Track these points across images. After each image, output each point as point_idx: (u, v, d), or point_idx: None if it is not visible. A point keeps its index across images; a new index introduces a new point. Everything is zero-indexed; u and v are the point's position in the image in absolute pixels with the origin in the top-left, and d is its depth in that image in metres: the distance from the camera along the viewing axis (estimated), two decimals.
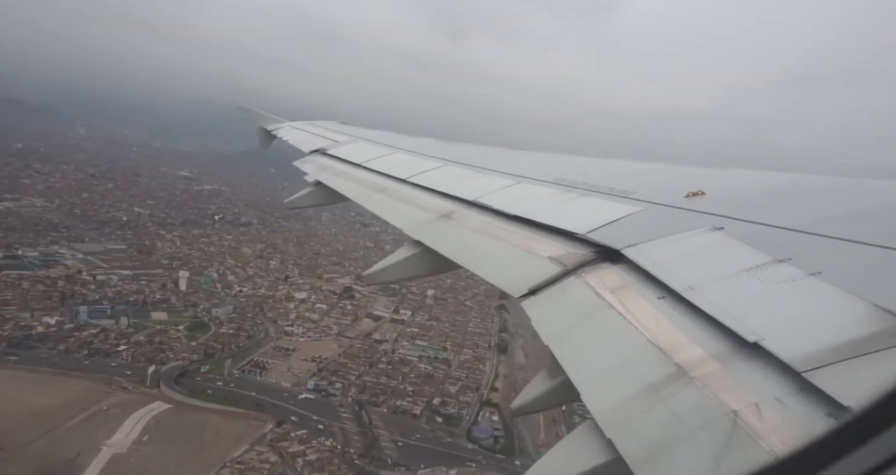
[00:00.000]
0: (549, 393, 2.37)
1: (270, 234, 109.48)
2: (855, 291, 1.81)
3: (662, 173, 4.51)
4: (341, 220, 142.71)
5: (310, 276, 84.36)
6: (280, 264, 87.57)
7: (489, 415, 49.95)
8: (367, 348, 58.85)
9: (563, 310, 2.49)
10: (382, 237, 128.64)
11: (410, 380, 52.60)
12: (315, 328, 61.96)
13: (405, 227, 4.24)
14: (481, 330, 74.28)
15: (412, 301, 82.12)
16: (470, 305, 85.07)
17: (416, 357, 59.73)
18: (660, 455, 1.52)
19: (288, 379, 49.06)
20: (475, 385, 55.69)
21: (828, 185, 3.37)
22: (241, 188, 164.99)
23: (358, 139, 8.62)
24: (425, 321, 73.60)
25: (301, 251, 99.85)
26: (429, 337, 67.45)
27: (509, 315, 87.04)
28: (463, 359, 62.05)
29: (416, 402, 48.32)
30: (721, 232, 2.67)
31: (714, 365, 1.72)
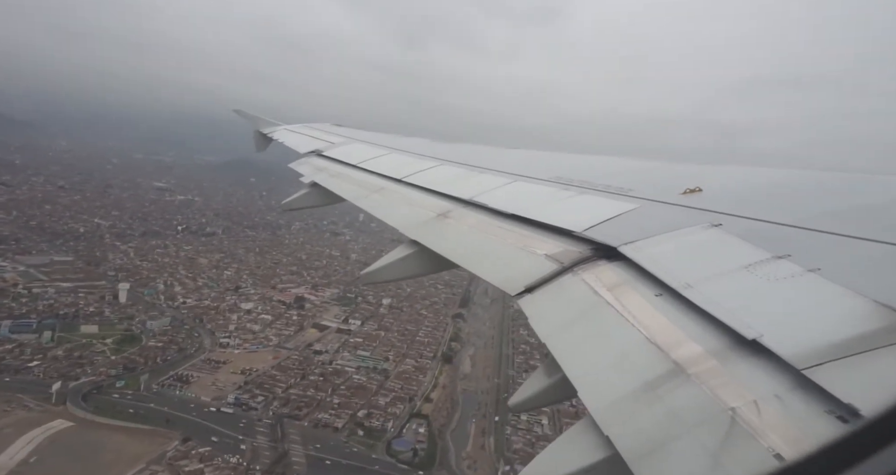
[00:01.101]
0: (546, 390, 2.33)
1: (234, 243, 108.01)
2: (855, 287, 1.78)
3: (659, 170, 4.42)
4: (312, 229, 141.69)
5: (263, 287, 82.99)
6: (235, 274, 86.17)
7: (416, 427, 48.82)
8: (303, 359, 57.62)
9: (560, 307, 2.42)
10: (351, 246, 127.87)
11: (340, 393, 51.41)
12: (253, 339, 60.62)
13: (402, 226, 4.16)
14: (430, 339, 73.23)
15: (366, 310, 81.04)
16: (425, 314, 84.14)
17: (353, 368, 58.56)
18: (658, 452, 1.49)
19: (210, 393, 47.60)
20: (409, 396, 54.61)
21: (826, 181, 3.28)
22: (214, 198, 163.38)
23: (353, 140, 8.55)
24: (373, 331, 72.50)
25: (261, 261, 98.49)
26: (373, 347, 66.34)
27: (465, 323, 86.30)
28: (402, 370, 60.96)
29: (339, 415, 47.12)
30: (719, 228, 2.63)
31: (712, 362, 1.70)
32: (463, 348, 75.40)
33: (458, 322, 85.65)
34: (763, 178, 3.64)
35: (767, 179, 3.60)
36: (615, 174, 4.25)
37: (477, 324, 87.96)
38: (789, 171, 3.64)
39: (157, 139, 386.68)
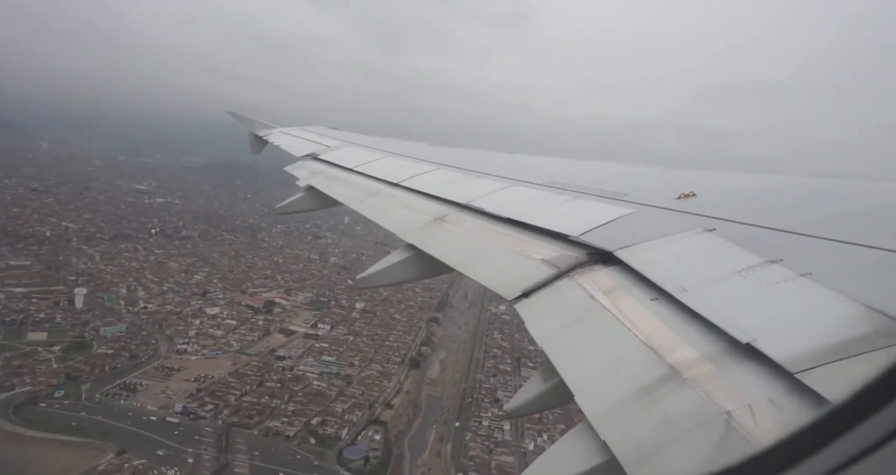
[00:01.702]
0: (543, 395, 2.33)
1: (209, 247, 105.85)
2: (846, 292, 1.79)
3: (654, 175, 4.44)
4: (294, 233, 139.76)
5: (233, 291, 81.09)
6: (205, 279, 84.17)
7: (373, 434, 47.39)
8: (263, 366, 55.96)
9: (557, 312, 2.43)
10: (331, 249, 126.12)
11: (297, 400, 49.84)
12: (213, 345, 58.81)
13: (398, 230, 4.16)
14: (400, 344, 71.84)
15: (337, 315, 79.46)
16: (399, 318, 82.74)
17: (315, 374, 57.00)
18: (654, 456, 1.50)
19: (157, 402, 45.78)
20: (369, 402, 53.18)
21: (819, 187, 3.31)
22: (196, 201, 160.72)
23: (349, 144, 8.48)
24: (342, 335, 70.96)
25: (234, 265, 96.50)
26: (339, 352, 64.81)
27: (440, 327, 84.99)
28: (366, 376, 59.50)
29: (292, 423, 45.58)
30: (713, 233, 2.64)
31: (707, 366, 1.71)
32: (434, 353, 74.13)
33: (433, 326, 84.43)
34: (756, 184, 3.66)
35: (761, 185, 3.61)
36: (610, 179, 4.24)
37: (452, 328, 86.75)
38: (782, 177, 3.62)
39: (145, 141, 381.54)
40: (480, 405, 58.26)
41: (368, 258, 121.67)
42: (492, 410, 57.08)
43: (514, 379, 67.28)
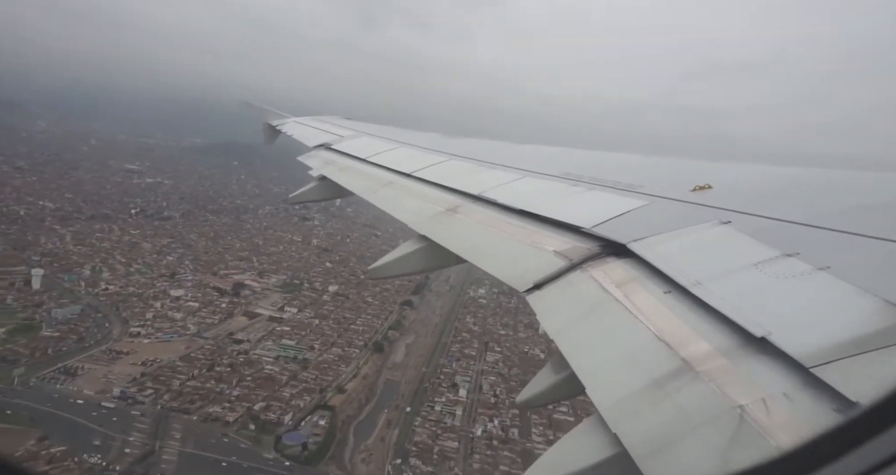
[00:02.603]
0: (554, 386, 2.30)
1: (188, 228, 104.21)
2: (864, 286, 1.75)
3: (669, 167, 4.35)
4: (281, 214, 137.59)
5: (204, 273, 79.67)
6: (177, 260, 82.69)
7: (318, 419, 46.22)
8: (216, 349, 54.68)
9: (569, 304, 2.40)
10: (316, 231, 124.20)
11: (245, 384, 48.66)
12: (169, 328, 57.55)
13: (410, 221, 4.12)
14: (367, 328, 70.44)
15: (308, 298, 78.03)
16: (371, 302, 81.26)
17: (271, 358, 55.75)
18: (665, 449, 1.48)
19: (96, 386, 44.64)
20: (321, 387, 51.93)
21: (837, 179, 3.19)
22: (188, 181, 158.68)
23: (362, 134, 8.35)
24: (308, 319, 69.56)
25: (211, 246, 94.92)
26: (301, 336, 63.46)
27: (414, 311, 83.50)
28: (324, 360, 58.22)
29: (234, 409, 44.46)
30: (728, 226, 2.59)
31: (721, 359, 1.68)
32: (402, 337, 72.81)
33: (406, 310, 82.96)
34: (773, 176, 3.55)
35: (778, 177, 3.51)
36: (624, 170, 4.16)
37: (427, 312, 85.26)
38: (799, 168, 3.52)
39: (148, 121, 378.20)
40: (437, 390, 57.05)
41: (353, 241, 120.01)
42: (447, 395, 55.88)
43: (477, 363, 65.99)
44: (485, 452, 46.18)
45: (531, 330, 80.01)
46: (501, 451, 46.47)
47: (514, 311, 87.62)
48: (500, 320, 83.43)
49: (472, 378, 61.16)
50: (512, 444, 48.09)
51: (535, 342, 75.26)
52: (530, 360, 68.47)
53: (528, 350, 72.16)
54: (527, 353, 71.00)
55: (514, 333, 77.79)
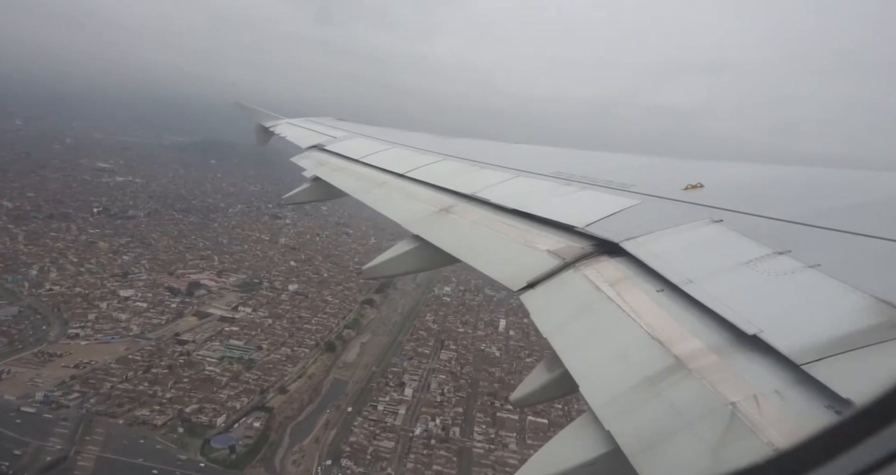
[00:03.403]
0: (548, 385, 2.30)
1: (152, 227, 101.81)
2: (854, 283, 1.76)
3: (661, 166, 4.34)
4: (253, 213, 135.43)
5: (160, 272, 77.79)
6: (133, 260, 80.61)
7: (252, 421, 45.18)
8: (157, 351, 53.19)
9: (562, 303, 2.40)
10: (286, 230, 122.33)
11: (180, 386, 47.38)
12: (111, 330, 55.87)
13: (404, 221, 4.08)
14: (322, 327, 69.36)
15: (265, 297, 76.65)
16: (331, 300, 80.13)
17: (215, 359, 54.47)
18: (658, 446, 1.48)
19: (21, 390, 42.99)
20: (263, 388, 50.84)
21: (827, 177, 3.21)
22: (161, 180, 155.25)
23: (356, 135, 8.33)
24: (262, 318, 68.26)
25: (173, 245, 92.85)
26: (251, 336, 62.23)
27: (375, 310, 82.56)
28: (271, 360, 57.10)
29: (164, 411, 43.22)
30: (720, 224, 2.59)
31: (713, 357, 1.69)
32: (358, 336, 71.95)
33: (366, 308, 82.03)
34: (764, 175, 3.56)
35: (768, 176, 3.51)
36: (616, 169, 4.15)
37: (388, 311, 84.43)
38: (790, 167, 3.51)
39: (130, 119, 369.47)
40: (382, 389, 56.40)
41: (322, 239, 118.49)
42: (392, 394, 55.27)
43: (430, 362, 65.46)
44: (421, 452, 45.67)
45: (491, 328, 79.83)
46: (438, 451, 46.00)
47: (477, 309, 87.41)
48: (461, 318, 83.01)
49: (422, 376, 60.62)
50: (450, 443, 47.66)
51: (492, 340, 75.08)
52: (485, 358, 68.23)
53: (484, 348, 71.87)
54: (483, 351, 70.70)
55: (472, 331, 77.44)
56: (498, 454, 47.48)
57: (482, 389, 59.91)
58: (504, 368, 66.03)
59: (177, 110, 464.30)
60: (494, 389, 60.02)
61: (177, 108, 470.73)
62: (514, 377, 63.93)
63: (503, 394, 59.20)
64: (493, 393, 59.21)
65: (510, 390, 62.10)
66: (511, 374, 64.85)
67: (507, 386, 61.42)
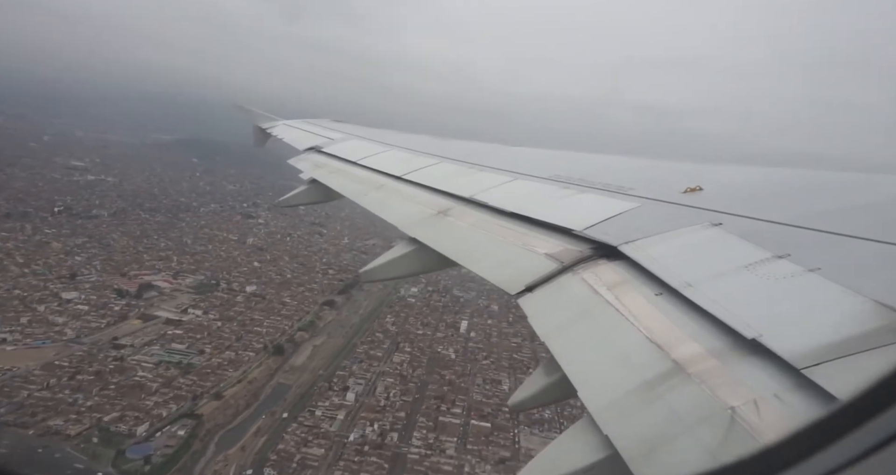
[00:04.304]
0: (546, 389, 2.28)
1: (114, 227, 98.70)
2: (855, 287, 1.73)
3: (660, 169, 4.29)
4: (225, 212, 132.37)
5: (112, 273, 75.07)
6: (86, 260, 77.76)
7: (178, 429, 43.10)
8: (88, 356, 50.77)
9: (560, 306, 2.39)
10: (257, 230, 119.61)
11: (105, 393, 45.07)
12: (43, 334, 53.28)
13: (401, 224, 4.07)
14: (274, 329, 67.28)
15: (220, 298, 74.32)
16: (289, 302, 77.96)
17: (151, 364, 52.20)
18: (657, 451, 1.47)
19: None
20: (196, 394, 48.72)
21: (827, 180, 3.17)
22: (135, 178, 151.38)
23: (353, 137, 8.26)
24: (211, 321, 66.00)
25: (132, 245, 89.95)
26: (195, 339, 59.98)
27: (335, 311, 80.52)
28: (211, 364, 54.99)
29: (81, 420, 40.95)
30: (719, 228, 2.56)
31: (712, 361, 1.67)
32: (312, 338, 69.96)
33: (325, 310, 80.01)
34: (763, 178, 3.49)
35: (768, 179, 3.46)
36: (615, 172, 4.09)
37: (348, 312, 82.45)
38: (789, 170, 3.48)
39: (114, 117, 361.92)
40: (324, 394, 54.59)
41: (293, 239, 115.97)
42: (332, 399, 53.48)
43: (381, 364, 63.76)
44: (352, 459, 43.99)
45: (452, 329, 78.27)
46: (370, 457, 44.36)
47: (441, 310, 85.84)
48: (423, 320, 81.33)
49: (369, 380, 58.89)
50: (385, 449, 46.04)
51: (451, 342, 73.52)
52: (440, 361, 66.67)
53: (441, 350, 70.28)
54: (438, 353, 69.12)
55: (432, 333, 75.75)
56: (433, 459, 45.99)
57: (430, 393, 58.36)
58: (457, 371, 64.55)
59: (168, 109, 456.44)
60: (443, 393, 58.54)
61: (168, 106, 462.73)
62: (465, 380, 62.53)
63: (451, 397, 57.77)
64: (440, 396, 57.71)
65: (459, 393, 60.78)
66: (463, 377, 63.43)
67: (456, 389, 59.98)
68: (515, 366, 68.14)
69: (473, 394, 59.37)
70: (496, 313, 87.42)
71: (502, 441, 50.71)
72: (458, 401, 57.27)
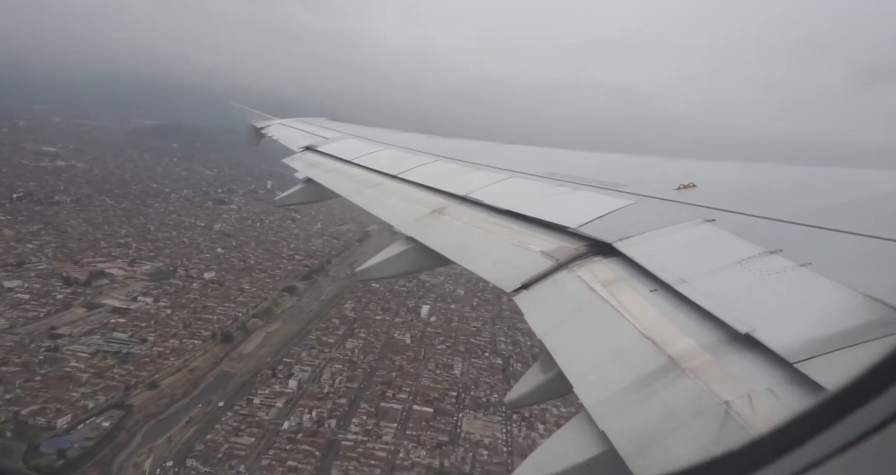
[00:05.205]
0: (542, 386, 2.30)
1: (75, 213, 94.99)
2: (846, 282, 1.73)
3: (654, 166, 4.31)
4: (196, 198, 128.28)
5: (64, 261, 72.11)
6: (38, 247, 74.57)
7: (102, 421, 41.32)
8: (17, 346, 48.46)
9: (556, 303, 2.38)
10: (226, 216, 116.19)
11: (29, 385, 43.03)
12: None
13: (396, 222, 4.04)
14: (225, 316, 65.23)
15: (175, 285, 71.84)
16: (247, 289, 75.77)
17: (87, 354, 50.07)
18: (652, 446, 1.47)
19: None
20: (129, 384, 46.83)
21: (818, 176, 3.18)
22: (107, 165, 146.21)
23: (348, 136, 8.29)
24: (161, 308, 63.72)
25: (91, 232, 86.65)
26: (141, 327, 57.78)
27: (294, 298, 78.55)
28: (153, 353, 52.95)
29: None
30: (712, 224, 2.55)
31: (706, 356, 1.67)
32: (266, 325, 68.12)
33: (285, 296, 78.00)
34: (756, 174, 3.54)
35: (760, 175, 3.51)
36: (609, 170, 4.08)
37: (309, 298, 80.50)
38: (782, 166, 3.51)
39: (96, 102, 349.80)
40: (267, 382, 53.04)
41: (263, 225, 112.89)
42: (274, 387, 51.99)
43: (332, 351, 62.26)
44: (283, 447, 42.72)
45: (413, 314, 76.86)
46: (301, 445, 43.11)
47: (405, 295, 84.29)
48: (384, 305, 79.71)
49: (317, 367, 57.39)
50: (319, 437, 44.80)
51: (409, 327, 72.16)
52: (394, 346, 65.32)
53: (397, 335, 68.87)
54: (394, 339, 67.72)
55: (391, 319, 74.21)
56: (368, 446, 44.90)
57: (377, 379, 57.08)
58: (409, 356, 63.29)
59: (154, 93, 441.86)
60: (391, 378, 57.29)
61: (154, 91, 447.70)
62: (416, 365, 61.35)
63: (398, 383, 56.58)
64: (388, 382, 56.47)
65: (408, 379, 59.63)
66: (415, 362, 62.23)
67: (405, 374, 58.80)
68: (471, 351, 67.12)
69: (423, 380, 58.20)
70: (461, 298, 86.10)
71: (443, 426, 49.72)
72: (406, 386, 56.09)
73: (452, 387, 57.96)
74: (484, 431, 50.27)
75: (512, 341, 71.34)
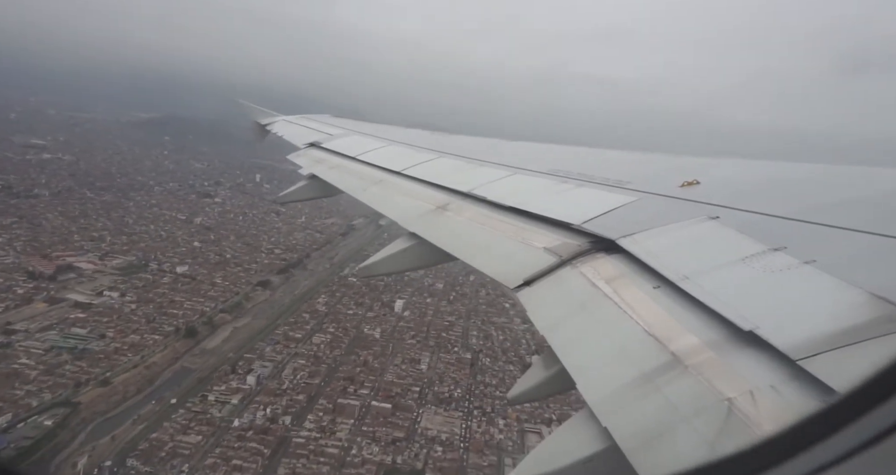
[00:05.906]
0: (545, 382, 2.28)
1: (54, 206, 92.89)
2: (850, 279, 1.72)
3: (657, 163, 4.24)
4: (180, 191, 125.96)
5: (32, 255, 70.32)
6: (6, 241, 72.70)
7: (45, 419, 39.93)
8: None
9: (559, 300, 2.36)
10: (209, 209, 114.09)
11: None
12: None
13: (400, 219, 4.02)
14: (192, 311, 63.65)
15: (145, 280, 70.15)
16: (220, 283, 74.10)
17: (41, 350, 48.55)
18: (655, 442, 1.46)
19: None
20: (80, 381, 45.41)
21: (823, 173, 3.14)
22: (95, 157, 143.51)
23: (352, 132, 8.24)
24: (125, 303, 62.12)
25: (66, 225, 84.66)
26: (101, 322, 56.23)
27: (267, 292, 76.92)
28: (109, 349, 51.47)
29: None
30: (716, 221, 2.53)
31: (709, 353, 1.66)
32: (235, 320, 66.54)
33: (258, 290, 76.35)
34: (760, 171, 3.47)
35: (764, 172, 3.45)
36: (613, 166, 4.05)
37: (283, 293, 78.85)
38: (786, 163, 3.43)
39: (94, 94, 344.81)
40: (225, 378, 51.66)
41: (246, 219, 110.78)
42: (231, 383, 50.62)
43: (297, 346, 60.82)
44: (231, 445, 41.45)
45: (387, 309, 75.35)
46: (250, 442, 41.85)
47: (382, 289, 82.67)
48: (358, 299, 78.05)
49: (279, 363, 55.97)
50: (270, 434, 43.52)
51: (381, 322, 70.65)
52: (362, 341, 63.91)
53: (367, 330, 67.37)
54: (363, 333, 66.25)
55: (364, 313, 72.64)
56: (320, 442, 43.67)
57: (340, 374, 55.72)
58: (376, 352, 61.86)
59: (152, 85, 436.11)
60: (354, 374, 55.94)
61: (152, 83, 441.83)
62: (382, 360, 60.00)
63: (361, 378, 55.26)
64: (350, 377, 55.10)
65: (371, 374, 58.33)
66: (381, 358, 60.83)
67: (370, 369, 57.48)
68: (441, 346, 65.71)
69: (387, 375, 56.85)
70: (438, 292, 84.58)
71: (401, 422, 48.44)
72: (369, 382, 54.74)
73: (416, 383, 56.61)
74: (442, 427, 49.01)
75: (484, 336, 69.90)
